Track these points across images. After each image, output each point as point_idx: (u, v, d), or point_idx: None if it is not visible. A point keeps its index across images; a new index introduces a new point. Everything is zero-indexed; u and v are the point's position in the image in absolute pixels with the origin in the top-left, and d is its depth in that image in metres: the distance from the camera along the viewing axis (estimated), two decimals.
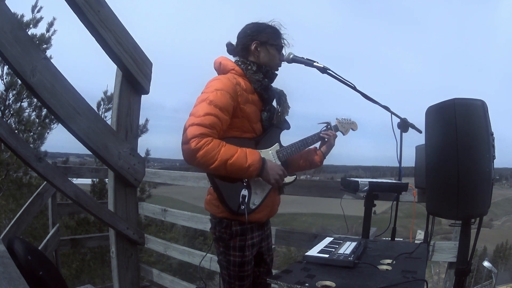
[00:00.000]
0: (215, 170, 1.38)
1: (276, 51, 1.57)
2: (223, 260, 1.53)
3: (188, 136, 1.33)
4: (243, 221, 1.44)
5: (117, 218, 2.14)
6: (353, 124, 1.84)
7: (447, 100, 1.43)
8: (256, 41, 1.54)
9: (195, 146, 1.32)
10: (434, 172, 1.51)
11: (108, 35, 1.85)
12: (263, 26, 1.56)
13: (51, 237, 3.14)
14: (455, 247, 1.78)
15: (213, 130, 1.36)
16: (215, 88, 1.41)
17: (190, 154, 1.33)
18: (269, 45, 1.54)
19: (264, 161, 1.44)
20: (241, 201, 1.42)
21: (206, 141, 1.33)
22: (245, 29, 1.58)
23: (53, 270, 1.46)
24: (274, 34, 1.57)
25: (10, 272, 0.79)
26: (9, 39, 1.51)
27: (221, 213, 1.50)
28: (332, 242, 1.39)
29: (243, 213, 1.41)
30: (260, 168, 1.42)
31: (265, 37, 1.54)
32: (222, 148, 1.36)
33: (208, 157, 1.33)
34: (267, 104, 1.60)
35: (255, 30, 1.55)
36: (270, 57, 1.56)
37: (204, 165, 1.36)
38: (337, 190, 2.06)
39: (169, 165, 60.62)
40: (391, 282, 0.95)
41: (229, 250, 1.50)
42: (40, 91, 1.64)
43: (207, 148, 1.33)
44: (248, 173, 1.41)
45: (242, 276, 1.52)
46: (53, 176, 1.97)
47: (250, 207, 1.45)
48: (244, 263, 1.51)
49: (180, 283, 3.01)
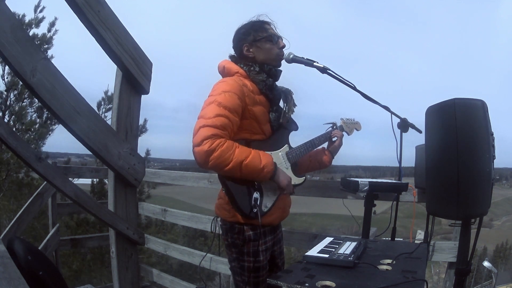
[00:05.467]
0: (229, 172, 1.34)
1: (267, 42, 1.52)
2: (236, 267, 1.51)
3: (200, 138, 1.29)
4: (256, 225, 1.42)
5: (117, 218, 2.14)
6: (357, 124, 1.87)
7: (447, 100, 1.43)
8: (245, 44, 1.53)
9: (209, 148, 1.27)
10: (434, 172, 1.51)
11: (108, 35, 1.85)
12: (245, 27, 1.55)
13: (51, 237, 3.14)
14: (455, 247, 1.78)
15: (225, 131, 1.33)
16: (222, 90, 1.39)
17: (204, 156, 1.28)
18: (257, 41, 1.52)
19: (275, 164, 1.43)
20: (253, 204, 1.39)
21: (220, 142, 1.29)
22: (234, 36, 1.57)
23: (53, 270, 1.46)
24: (257, 28, 1.53)
25: (10, 272, 0.79)
26: (9, 39, 1.51)
27: (232, 218, 1.47)
28: (332, 242, 1.39)
29: (255, 216, 1.39)
30: (274, 170, 1.41)
31: (251, 35, 1.52)
32: (236, 149, 1.32)
33: (223, 158, 1.29)
34: (274, 104, 1.58)
35: (240, 34, 1.55)
36: (265, 52, 1.53)
37: (219, 166, 1.31)
38: (337, 190, 2.06)
39: (169, 165, 60.62)
40: (391, 282, 0.95)
41: (242, 256, 1.48)
42: (40, 91, 1.64)
43: (221, 149, 1.29)
44: (262, 175, 1.39)
45: (257, 282, 1.49)
46: (53, 176, 1.97)
47: (262, 210, 1.44)
48: (259, 268, 1.49)
49: (180, 283, 3.01)
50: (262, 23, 1.55)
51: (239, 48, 1.55)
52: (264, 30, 1.53)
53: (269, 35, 1.53)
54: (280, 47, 1.54)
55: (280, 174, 1.45)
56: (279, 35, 1.56)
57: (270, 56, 1.54)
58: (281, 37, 1.56)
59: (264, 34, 1.53)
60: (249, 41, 1.52)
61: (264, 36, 1.52)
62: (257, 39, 1.52)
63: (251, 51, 1.53)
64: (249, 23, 1.55)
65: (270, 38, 1.53)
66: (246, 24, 1.56)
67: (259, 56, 1.53)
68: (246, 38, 1.53)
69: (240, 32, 1.55)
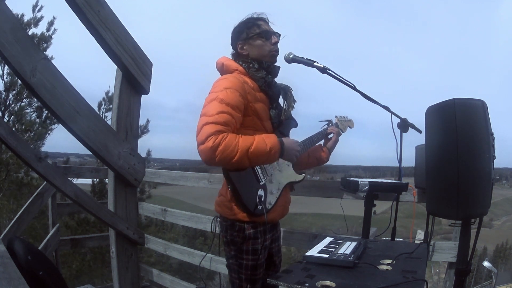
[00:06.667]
0: (237, 163, 1.33)
1: (259, 39, 1.52)
2: (234, 264, 1.51)
3: (204, 135, 1.29)
4: (256, 223, 1.44)
5: (117, 218, 2.14)
6: (350, 122, 1.92)
7: (447, 100, 1.43)
8: (239, 42, 1.54)
9: (213, 143, 1.27)
10: (434, 172, 1.51)
11: (108, 35, 1.85)
12: (238, 25, 1.56)
13: (51, 237, 3.13)
14: (455, 247, 1.78)
15: (228, 127, 1.33)
16: (224, 87, 1.39)
17: (209, 152, 1.28)
18: (250, 38, 1.53)
19: (281, 141, 1.43)
20: (258, 201, 1.41)
21: (223, 136, 1.29)
22: (231, 35, 1.58)
23: (53, 270, 1.46)
24: (250, 25, 1.54)
25: (10, 272, 0.79)
26: (9, 39, 1.52)
27: (233, 216, 1.47)
28: (332, 242, 1.39)
29: (260, 214, 1.41)
30: (281, 149, 1.41)
31: (243, 33, 1.53)
32: (240, 139, 1.32)
33: (228, 150, 1.29)
34: (273, 101, 1.58)
35: (235, 32, 1.56)
36: (257, 48, 1.53)
37: (226, 160, 1.31)
38: (337, 190, 2.06)
39: (169, 165, 60.63)
40: (391, 282, 0.95)
41: (241, 254, 1.48)
42: (40, 91, 1.64)
43: (225, 142, 1.28)
44: (271, 157, 1.39)
45: (254, 280, 1.50)
46: (53, 176, 1.97)
47: (266, 207, 1.46)
48: (257, 266, 1.49)
49: (180, 283, 3.01)
50: (255, 19, 1.55)
51: (235, 48, 1.57)
52: (257, 26, 1.54)
53: (262, 31, 1.53)
54: (273, 43, 1.54)
55: (289, 151, 1.46)
56: (273, 31, 1.56)
57: (263, 52, 1.53)
58: (276, 33, 1.57)
59: (257, 31, 1.53)
60: (242, 38, 1.54)
61: (256, 32, 1.53)
62: (249, 36, 1.53)
63: (244, 49, 1.54)
64: (243, 21, 1.56)
65: (262, 35, 1.53)
66: (241, 22, 1.56)
67: (252, 53, 1.53)
68: (240, 36, 1.54)
69: (235, 30, 1.57)
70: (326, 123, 1.83)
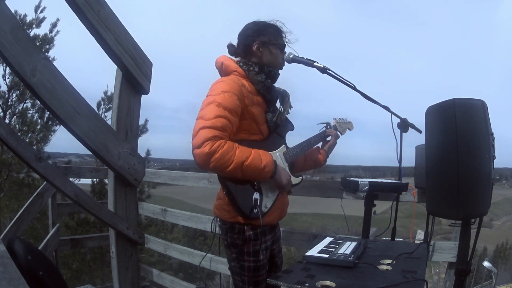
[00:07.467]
0: (230, 173, 1.33)
1: (278, 51, 1.54)
2: (236, 266, 1.51)
3: (200, 139, 1.27)
4: (256, 225, 1.43)
5: (117, 218, 2.14)
6: (349, 124, 1.89)
7: (447, 100, 1.43)
8: (258, 41, 1.51)
9: (209, 150, 1.26)
10: (434, 172, 1.51)
11: (108, 35, 1.85)
12: (264, 25, 1.53)
13: (51, 237, 3.14)
14: (455, 247, 1.78)
15: (225, 132, 1.32)
16: (221, 90, 1.38)
17: (205, 157, 1.27)
18: (271, 45, 1.52)
19: (275, 162, 1.44)
20: (254, 205, 1.40)
21: (220, 144, 1.28)
22: (245, 29, 1.54)
23: (53, 270, 1.46)
24: (276, 33, 1.54)
25: (10, 272, 0.79)
26: (9, 39, 1.52)
27: (232, 218, 1.46)
28: (332, 242, 1.39)
29: (256, 217, 1.40)
30: (274, 169, 1.41)
31: (267, 37, 1.51)
32: (237, 150, 1.32)
33: (224, 159, 1.28)
34: (271, 105, 1.58)
35: (256, 30, 1.52)
36: (273, 57, 1.53)
37: (220, 168, 1.31)
38: (337, 190, 2.06)
39: (169, 165, 60.62)
40: (391, 282, 0.95)
41: (242, 256, 1.47)
42: (40, 91, 1.64)
43: (222, 151, 1.28)
44: (263, 174, 1.39)
45: (258, 281, 1.50)
46: (53, 176, 1.97)
47: (262, 210, 1.44)
48: (259, 268, 1.49)
49: (180, 283, 3.01)
50: (280, 30, 1.56)
51: (248, 43, 1.52)
52: (281, 37, 1.55)
53: (283, 45, 1.55)
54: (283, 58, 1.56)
55: (281, 173, 1.45)
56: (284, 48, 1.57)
57: (275, 62, 1.55)
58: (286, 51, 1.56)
59: (280, 41, 1.55)
60: (263, 40, 1.51)
61: (278, 42, 1.54)
62: (272, 42, 1.52)
63: (260, 51, 1.52)
64: (266, 23, 1.54)
65: (282, 48, 1.55)
66: (263, 23, 1.54)
67: (266, 58, 1.53)
68: (260, 36, 1.52)
69: (254, 28, 1.53)
70: (325, 126, 1.81)
